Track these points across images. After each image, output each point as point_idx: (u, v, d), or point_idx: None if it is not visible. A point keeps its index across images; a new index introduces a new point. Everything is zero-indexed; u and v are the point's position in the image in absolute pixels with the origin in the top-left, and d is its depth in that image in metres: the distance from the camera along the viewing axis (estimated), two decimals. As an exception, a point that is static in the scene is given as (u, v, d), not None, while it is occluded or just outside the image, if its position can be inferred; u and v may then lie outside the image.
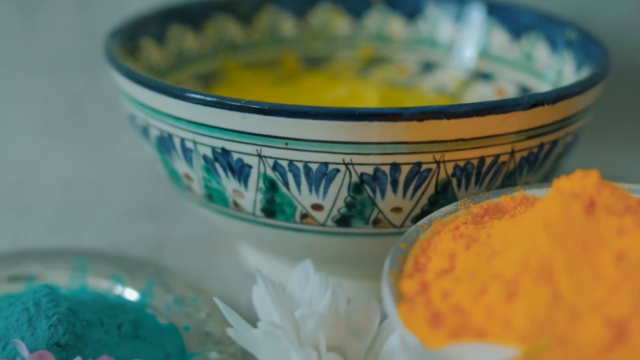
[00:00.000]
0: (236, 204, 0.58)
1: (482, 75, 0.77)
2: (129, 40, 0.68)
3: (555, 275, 0.42)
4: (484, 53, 0.77)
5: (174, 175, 0.61)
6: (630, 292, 0.41)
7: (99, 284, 0.63)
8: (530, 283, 0.42)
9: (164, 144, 0.59)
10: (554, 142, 0.58)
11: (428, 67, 0.80)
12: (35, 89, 0.92)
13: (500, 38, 0.76)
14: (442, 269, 0.47)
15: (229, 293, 0.64)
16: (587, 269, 0.42)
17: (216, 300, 0.52)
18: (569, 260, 0.43)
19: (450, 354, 0.41)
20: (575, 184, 0.46)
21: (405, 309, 0.44)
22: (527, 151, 0.56)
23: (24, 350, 0.51)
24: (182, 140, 0.57)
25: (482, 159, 0.55)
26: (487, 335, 0.42)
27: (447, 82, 0.78)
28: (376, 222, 0.56)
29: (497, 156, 0.55)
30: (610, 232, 0.43)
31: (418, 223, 0.51)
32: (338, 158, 0.53)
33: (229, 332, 0.50)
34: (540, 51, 0.73)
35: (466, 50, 0.78)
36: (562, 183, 0.46)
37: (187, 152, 0.57)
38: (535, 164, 0.58)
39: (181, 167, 0.59)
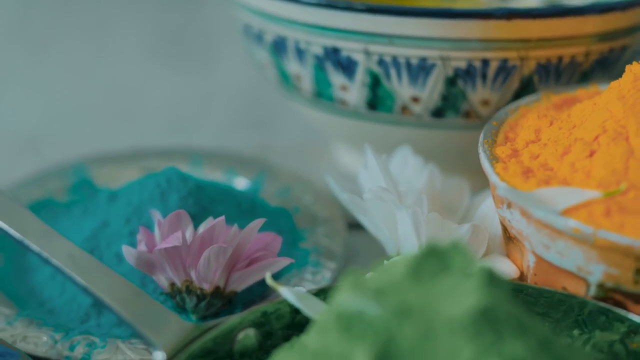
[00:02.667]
0: (342, 100, 0.66)
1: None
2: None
3: (629, 136, 0.50)
4: (556, -16, 0.84)
5: (284, 77, 0.69)
6: (694, 149, 0.48)
7: (214, 175, 0.71)
8: (608, 142, 0.50)
9: (278, 47, 0.67)
10: (623, 48, 0.65)
11: (504, -2, 0.87)
12: (141, 22, 1.00)
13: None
14: (530, 139, 0.54)
15: (327, 186, 0.72)
16: (657, 131, 0.50)
17: (328, 178, 0.60)
18: (641, 125, 0.50)
19: (541, 196, 0.48)
20: (646, 65, 0.53)
21: (500, 167, 0.51)
22: (599, 54, 0.64)
23: (159, 217, 0.58)
24: (296, 42, 0.65)
25: (560, 58, 0.62)
26: (571, 184, 0.49)
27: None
28: (466, 115, 0.64)
29: (574, 56, 0.63)
30: (677, 102, 0.50)
31: (506, 107, 0.59)
32: (435, 53, 0.61)
33: (345, 197, 0.58)
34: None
35: (540, -19, 0.85)
36: (634, 66, 0.53)
37: (300, 53, 0.65)
38: (606, 67, 0.65)
39: (293, 67, 0.67)
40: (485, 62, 0.61)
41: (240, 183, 0.70)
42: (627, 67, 0.53)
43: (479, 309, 0.37)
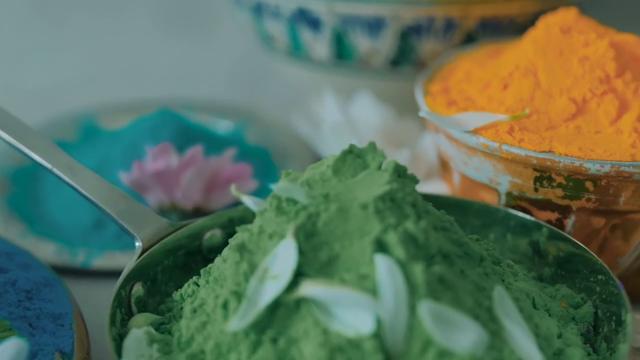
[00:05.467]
0: (312, 55, 0.74)
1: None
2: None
3: (537, 72, 0.57)
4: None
5: (264, 37, 0.77)
6: (589, 81, 0.56)
7: (204, 118, 0.79)
8: (519, 77, 0.57)
9: (257, 10, 0.75)
10: (555, 8, 0.73)
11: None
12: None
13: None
14: (460, 79, 0.62)
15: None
16: (560, 67, 0.57)
17: (295, 117, 0.68)
18: (547, 62, 0.57)
19: (459, 119, 0.56)
20: (558, 16, 0.61)
21: (430, 99, 0.59)
22: (533, 14, 0.71)
23: (150, 150, 0.66)
24: (273, 5, 0.73)
25: (497, 16, 0.70)
26: (486, 111, 0.57)
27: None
28: (418, 65, 0.72)
29: (510, 14, 0.70)
30: (579, 44, 0.58)
31: (446, 54, 0.67)
32: (389, 11, 0.69)
33: (302, 129, 0.66)
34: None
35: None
36: (547, 16, 0.61)
37: (277, 15, 0.73)
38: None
39: (270, 28, 0.75)
40: (432, 19, 0.69)
41: (227, 126, 0.78)
42: (541, 17, 0.61)
43: (386, 195, 0.45)
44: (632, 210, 0.53)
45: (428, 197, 0.51)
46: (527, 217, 0.54)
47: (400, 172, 0.47)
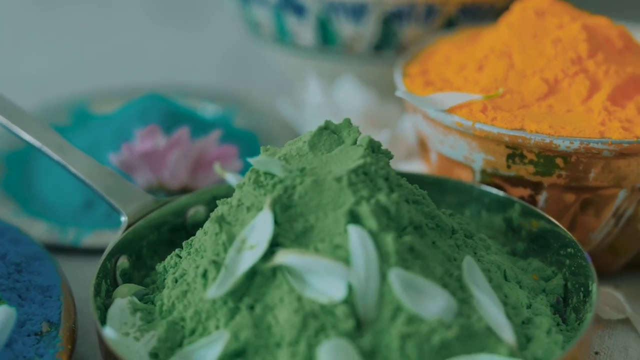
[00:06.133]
0: (298, 42, 0.75)
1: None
2: None
3: (512, 53, 0.59)
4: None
5: (251, 24, 0.78)
6: (561, 62, 0.57)
7: (194, 103, 0.81)
8: (494, 59, 0.59)
9: (246, -4, 0.77)
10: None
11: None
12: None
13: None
14: (439, 61, 0.64)
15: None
16: (534, 49, 0.59)
17: (280, 101, 0.70)
18: (522, 45, 0.59)
19: (435, 99, 0.57)
20: (533, 1, 0.62)
21: (408, 80, 0.61)
22: (512, 2, 0.73)
23: (138, 131, 0.68)
24: (260, -9, 0.75)
25: (477, 2, 0.71)
26: (462, 91, 0.59)
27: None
28: (401, 50, 0.73)
29: (491, 1, 0.72)
30: (553, 27, 0.59)
31: (426, 38, 0.68)
32: (372, -2, 0.71)
33: (287, 113, 0.67)
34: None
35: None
36: (523, 1, 0.62)
37: (263, 2, 0.74)
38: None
39: (258, 13, 0.76)
40: (413, 5, 0.70)
41: (215, 110, 0.80)
42: (516, 2, 0.63)
43: (359, 168, 0.47)
44: (601, 186, 0.54)
45: (406, 176, 0.52)
46: (501, 193, 0.56)
47: (374, 147, 0.49)
